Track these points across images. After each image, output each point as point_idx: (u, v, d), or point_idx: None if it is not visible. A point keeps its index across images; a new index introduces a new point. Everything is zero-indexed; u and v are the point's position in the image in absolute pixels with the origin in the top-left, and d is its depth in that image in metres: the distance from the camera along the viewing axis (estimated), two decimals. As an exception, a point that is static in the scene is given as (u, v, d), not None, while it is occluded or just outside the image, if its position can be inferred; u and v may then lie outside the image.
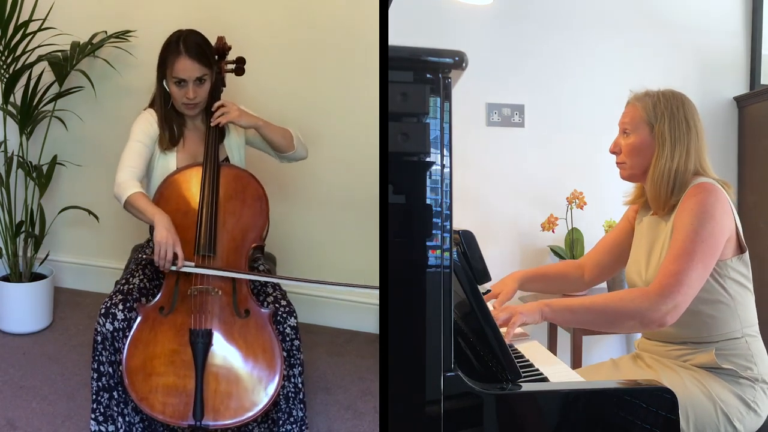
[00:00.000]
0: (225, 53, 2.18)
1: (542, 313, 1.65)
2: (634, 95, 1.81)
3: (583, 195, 2.84)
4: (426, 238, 1.13)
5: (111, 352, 1.87)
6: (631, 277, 1.85)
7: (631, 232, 1.91)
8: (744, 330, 1.69)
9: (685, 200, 1.67)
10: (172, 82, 2.03)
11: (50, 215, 2.86)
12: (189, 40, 2.03)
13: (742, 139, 3.16)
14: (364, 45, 2.61)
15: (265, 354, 1.86)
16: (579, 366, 2.41)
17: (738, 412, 1.63)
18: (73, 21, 2.84)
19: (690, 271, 1.58)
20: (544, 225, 2.86)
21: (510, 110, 2.99)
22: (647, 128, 1.75)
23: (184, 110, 2.08)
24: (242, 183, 2.04)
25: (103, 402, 1.89)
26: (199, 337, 1.83)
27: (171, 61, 2.01)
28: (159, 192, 2.01)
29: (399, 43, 1.11)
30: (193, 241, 1.94)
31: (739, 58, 3.19)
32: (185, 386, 1.79)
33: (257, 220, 2.02)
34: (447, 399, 1.15)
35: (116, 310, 1.87)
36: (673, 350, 1.75)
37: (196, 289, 1.88)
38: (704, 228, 1.61)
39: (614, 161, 1.84)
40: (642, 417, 1.27)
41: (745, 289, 1.71)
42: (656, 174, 1.73)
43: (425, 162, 1.12)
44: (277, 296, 2.02)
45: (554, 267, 2.18)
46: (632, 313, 1.60)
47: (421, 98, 1.12)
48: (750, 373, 1.66)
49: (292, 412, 1.96)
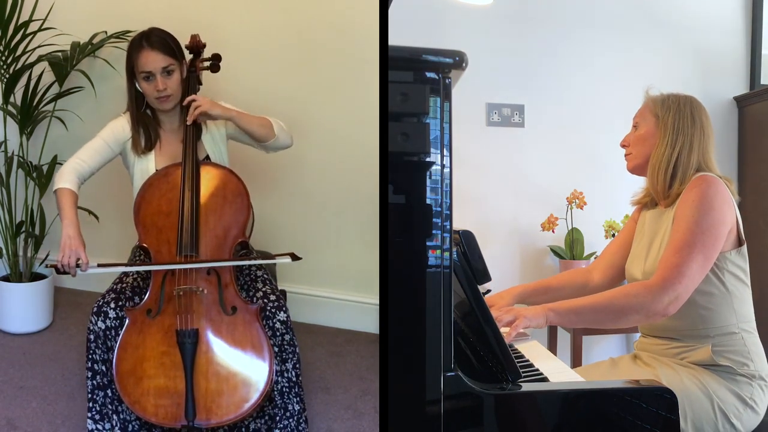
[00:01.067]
0: (200, 51, 2.17)
1: (547, 318, 1.67)
2: (650, 96, 1.86)
3: (583, 195, 2.84)
4: (426, 238, 1.13)
5: (104, 350, 1.87)
6: (631, 271, 1.86)
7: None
8: (740, 325, 1.70)
9: (686, 192, 1.69)
10: (141, 78, 2.04)
11: (50, 215, 2.86)
12: (151, 35, 2.05)
13: (742, 139, 3.16)
14: (364, 45, 2.61)
15: (254, 350, 1.85)
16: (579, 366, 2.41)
17: (735, 409, 1.64)
18: (73, 21, 2.84)
19: (691, 262, 1.60)
20: (544, 225, 2.86)
21: (510, 110, 2.99)
22: (653, 119, 1.80)
23: (158, 105, 2.07)
24: (222, 180, 2.03)
25: (99, 400, 1.90)
26: (186, 337, 1.82)
27: (136, 58, 2.03)
28: (140, 195, 2.00)
29: (399, 43, 1.11)
30: (175, 242, 1.93)
31: (739, 58, 3.19)
32: (176, 387, 1.79)
33: (239, 217, 2.01)
34: (447, 399, 1.15)
35: (108, 309, 1.88)
36: (671, 348, 1.76)
37: (181, 289, 1.87)
38: (705, 219, 1.63)
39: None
40: (642, 417, 1.27)
41: (742, 283, 1.72)
42: (655, 159, 1.77)
43: (425, 162, 1.12)
44: (267, 291, 2.01)
45: (556, 278, 2.16)
46: (636, 307, 1.62)
47: (421, 98, 1.12)
48: (746, 370, 1.67)
49: (288, 406, 1.96)
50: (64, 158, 2.90)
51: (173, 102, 2.08)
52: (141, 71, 2.03)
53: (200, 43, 2.17)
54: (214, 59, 2.18)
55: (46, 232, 2.86)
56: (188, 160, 2.01)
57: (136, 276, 2.02)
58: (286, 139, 2.18)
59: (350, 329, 2.91)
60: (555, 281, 2.09)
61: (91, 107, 2.92)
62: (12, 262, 2.79)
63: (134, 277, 2.02)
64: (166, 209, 1.98)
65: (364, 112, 2.65)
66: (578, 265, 2.83)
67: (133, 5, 2.88)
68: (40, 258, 2.87)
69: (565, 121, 3.02)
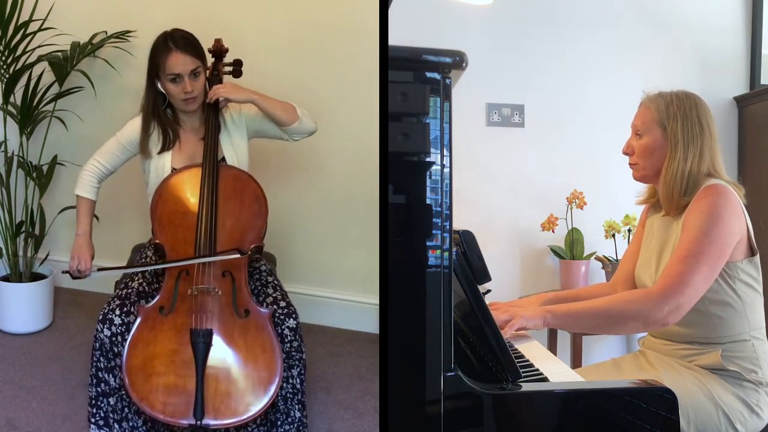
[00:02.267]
0: (222, 55, 2.18)
1: (544, 320, 1.65)
2: (647, 96, 1.80)
3: (583, 195, 2.84)
4: (426, 238, 1.13)
5: (109, 358, 1.87)
6: (641, 278, 1.82)
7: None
8: (751, 332, 1.68)
9: (696, 201, 1.66)
10: (167, 80, 2.03)
11: (50, 215, 2.87)
12: (176, 36, 2.04)
13: (742, 139, 3.16)
14: (364, 45, 2.61)
15: (264, 354, 1.86)
16: (579, 366, 2.41)
17: (740, 415, 1.62)
18: (73, 21, 2.84)
19: (695, 273, 1.57)
20: (544, 225, 2.86)
21: (510, 110, 2.99)
22: (660, 129, 1.74)
23: (183, 107, 2.07)
24: (241, 184, 2.04)
25: (103, 407, 1.89)
26: (200, 336, 1.83)
27: (163, 60, 2.02)
28: (158, 193, 2.01)
29: (399, 43, 1.11)
30: (192, 241, 1.94)
31: (739, 58, 3.19)
32: (185, 386, 1.79)
33: (256, 221, 2.02)
34: (447, 399, 1.15)
35: (113, 316, 1.88)
36: (679, 349, 1.74)
37: (197, 288, 1.88)
38: (713, 230, 1.60)
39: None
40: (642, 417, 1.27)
41: (754, 291, 1.70)
42: (669, 175, 1.71)
43: (425, 162, 1.12)
44: (277, 297, 2.01)
45: (585, 290, 2.11)
46: (635, 315, 1.60)
47: (421, 98, 1.12)
48: (755, 377, 1.66)
49: (290, 412, 1.96)
50: (65, 158, 2.92)
51: (198, 103, 2.08)
52: (169, 73, 2.01)
53: (223, 48, 2.19)
54: (236, 64, 2.20)
55: (46, 232, 2.86)
56: (208, 162, 2.02)
57: (141, 281, 2.02)
58: (309, 123, 2.14)
59: (350, 329, 2.91)
60: (584, 292, 2.04)
61: (91, 107, 2.92)
62: (12, 262, 2.79)
63: (140, 281, 2.02)
64: (183, 209, 1.99)
65: (364, 112, 2.65)
66: (578, 266, 2.83)
67: (133, 5, 2.88)
68: (40, 258, 2.88)
69: (565, 121, 3.02)
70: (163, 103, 2.09)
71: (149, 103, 2.09)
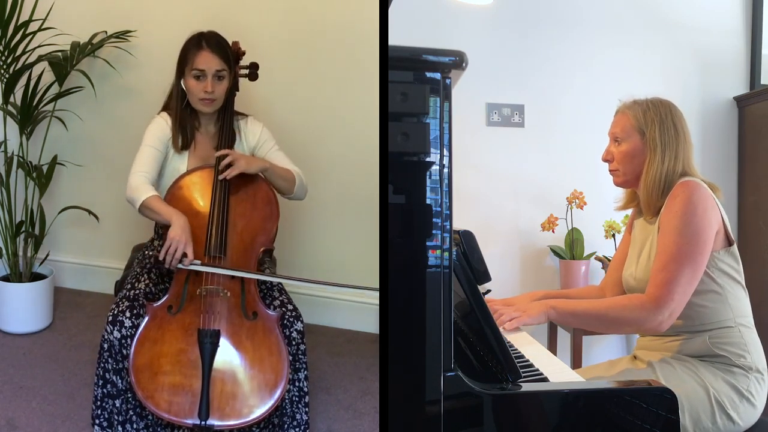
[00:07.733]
0: (239, 58, 2.19)
1: (548, 316, 1.77)
2: (623, 104, 1.88)
3: (583, 195, 2.84)
4: (426, 238, 1.13)
5: (118, 360, 1.87)
6: (627, 280, 1.89)
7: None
8: (737, 320, 1.73)
9: (669, 201, 1.72)
10: (191, 76, 2.03)
11: (50, 215, 2.86)
12: (209, 36, 2.06)
13: (742, 139, 3.16)
14: (365, 45, 2.61)
15: (271, 357, 1.86)
16: (579, 366, 2.41)
17: (731, 401, 1.66)
18: (73, 21, 2.84)
19: (679, 276, 1.63)
20: (544, 225, 2.86)
21: (510, 110, 2.99)
22: (638, 135, 1.82)
23: (200, 106, 2.07)
24: (253, 186, 2.05)
25: (108, 408, 1.89)
26: (207, 337, 1.83)
27: (192, 55, 2.03)
28: (170, 192, 2.02)
29: (399, 43, 1.11)
30: (203, 242, 1.95)
31: (739, 58, 3.19)
32: (191, 386, 1.80)
33: (267, 224, 2.03)
34: (447, 399, 1.15)
35: (123, 318, 1.87)
36: (669, 342, 1.79)
37: (206, 289, 1.89)
38: (688, 228, 1.66)
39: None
40: (642, 417, 1.27)
41: (734, 280, 1.74)
42: (649, 179, 1.79)
43: (425, 162, 1.12)
44: (284, 300, 2.02)
45: (576, 291, 2.25)
46: (630, 322, 1.70)
47: (421, 98, 1.12)
48: (743, 362, 1.69)
49: (296, 415, 1.96)
50: (65, 158, 2.92)
51: (215, 107, 2.08)
52: (194, 68, 2.02)
53: (240, 51, 2.19)
54: (252, 68, 2.20)
55: (46, 232, 2.86)
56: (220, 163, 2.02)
57: (148, 281, 2.02)
58: (300, 195, 2.18)
59: (350, 329, 2.91)
60: (574, 293, 2.17)
61: (91, 107, 2.92)
62: (12, 262, 2.79)
63: (146, 282, 2.02)
64: (194, 209, 1.99)
65: (364, 112, 2.65)
66: (578, 266, 2.84)
67: (133, 5, 2.88)
68: (40, 258, 2.87)
69: (565, 121, 3.02)
70: (184, 101, 2.10)
71: (176, 101, 2.09)
